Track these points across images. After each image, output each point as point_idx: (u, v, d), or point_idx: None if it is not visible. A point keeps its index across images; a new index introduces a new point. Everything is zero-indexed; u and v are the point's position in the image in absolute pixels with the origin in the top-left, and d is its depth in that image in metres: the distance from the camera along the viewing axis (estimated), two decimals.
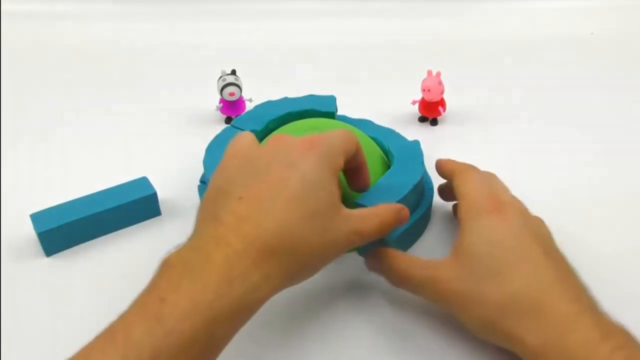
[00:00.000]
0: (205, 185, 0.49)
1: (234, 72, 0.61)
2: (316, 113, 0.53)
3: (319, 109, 0.53)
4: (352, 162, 0.38)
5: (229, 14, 0.88)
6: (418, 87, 0.60)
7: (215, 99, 0.62)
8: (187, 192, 0.51)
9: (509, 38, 0.83)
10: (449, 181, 0.44)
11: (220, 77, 0.60)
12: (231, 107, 0.62)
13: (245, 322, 0.31)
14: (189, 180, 0.52)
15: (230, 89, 0.60)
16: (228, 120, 0.63)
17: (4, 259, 0.45)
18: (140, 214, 0.48)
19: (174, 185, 0.52)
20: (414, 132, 0.56)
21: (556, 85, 0.72)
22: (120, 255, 0.45)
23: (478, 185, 0.40)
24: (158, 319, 0.27)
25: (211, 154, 0.49)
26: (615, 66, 0.77)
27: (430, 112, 0.62)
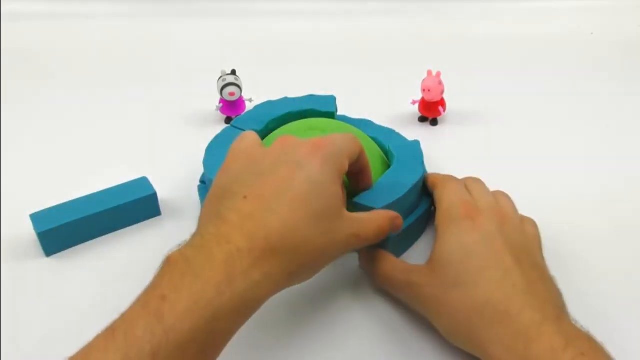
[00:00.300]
0: (205, 185, 0.49)
1: (234, 72, 0.61)
2: (316, 113, 0.53)
3: (319, 109, 0.53)
4: (356, 165, 0.38)
5: (229, 14, 0.88)
6: (418, 87, 0.60)
7: (215, 99, 0.62)
8: (187, 192, 0.51)
9: (509, 38, 0.84)
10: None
11: (220, 77, 0.60)
12: (231, 107, 0.62)
13: (246, 320, 0.31)
14: (189, 180, 0.52)
15: (230, 89, 0.60)
16: (228, 120, 0.63)
17: (4, 259, 0.45)
18: (140, 214, 0.48)
19: (174, 185, 0.52)
20: (414, 132, 0.56)
21: (556, 85, 0.72)
22: (120, 255, 0.45)
23: (453, 193, 0.41)
24: (158, 317, 0.27)
25: (211, 154, 0.49)
26: (615, 66, 0.77)
27: (430, 112, 0.62)
